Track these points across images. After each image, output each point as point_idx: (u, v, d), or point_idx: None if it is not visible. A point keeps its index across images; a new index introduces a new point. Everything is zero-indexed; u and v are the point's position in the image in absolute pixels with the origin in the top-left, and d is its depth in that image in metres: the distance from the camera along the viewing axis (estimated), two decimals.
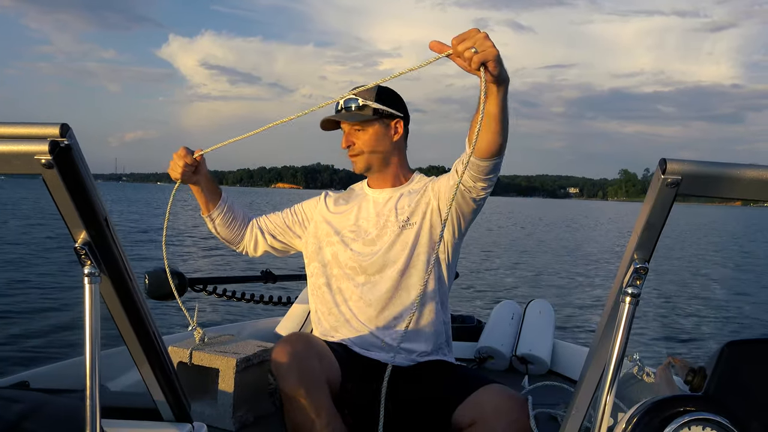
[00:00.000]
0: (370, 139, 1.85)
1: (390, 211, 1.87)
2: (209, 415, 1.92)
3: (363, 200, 1.96)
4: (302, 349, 1.57)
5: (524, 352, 2.67)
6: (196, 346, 2.00)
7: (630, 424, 0.87)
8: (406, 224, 1.83)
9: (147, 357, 0.97)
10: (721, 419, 0.84)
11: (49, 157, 0.69)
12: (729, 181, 0.75)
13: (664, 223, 0.78)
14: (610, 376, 0.83)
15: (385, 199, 1.91)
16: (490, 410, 1.49)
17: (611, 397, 0.84)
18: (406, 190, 1.92)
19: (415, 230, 1.81)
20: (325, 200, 2.04)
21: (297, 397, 1.51)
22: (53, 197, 0.74)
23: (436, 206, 1.82)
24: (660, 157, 0.75)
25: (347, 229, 1.91)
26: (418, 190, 1.88)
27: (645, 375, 1.81)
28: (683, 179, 0.73)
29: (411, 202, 1.86)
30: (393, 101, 1.87)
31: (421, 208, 1.83)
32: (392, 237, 1.82)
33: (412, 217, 1.83)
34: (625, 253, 0.82)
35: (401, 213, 1.86)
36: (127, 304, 0.89)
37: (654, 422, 0.85)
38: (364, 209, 1.93)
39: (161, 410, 1.07)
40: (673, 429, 0.83)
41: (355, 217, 1.92)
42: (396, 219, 1.85)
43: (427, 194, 1.84)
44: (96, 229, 0.78)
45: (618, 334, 0.82)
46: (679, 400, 0.88)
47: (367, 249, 1.85)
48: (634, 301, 0.81)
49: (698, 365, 0.95)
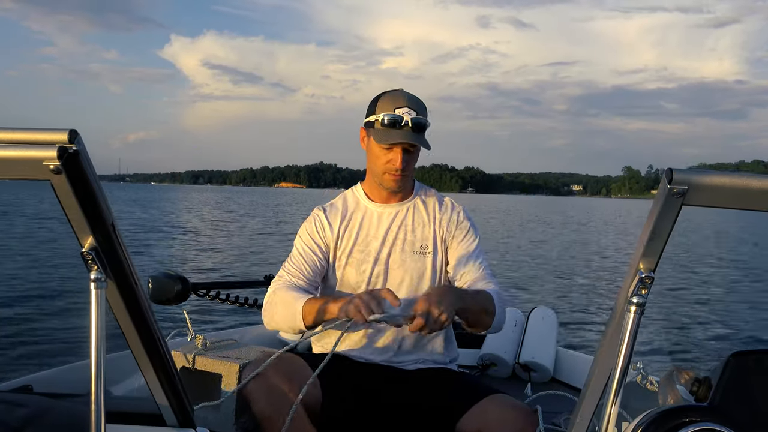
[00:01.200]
0: (415, 160, 1.80)
1: (399, 228, 1.84)
2: (212, 421, 1.91)
3: (366, 216, 1.87)
4: (269, 372, 1.52)
5: (527, 359, 2.67)
6: (199, 351, 2.00)
7: None
8: (423, 251, 1.82)
9: (151, 362, 0.97)
10: (727, 430, 0.83)
11: (58, 162, 0.69)
12: (736, 192, 0.75)
13: (670, 233, 0.78)
14: (615, 386, 0.83)
15: (392, 215, 1.85)
16: (495, 420, 1.48)
17: (616, 407, 0.83)
18: (412, 203, 1.88)
19: (429, 260, 1.81)
20: (326, 220, 1.87)
21: (268, 420, 1.48)
22: (61, 203, 0.75)
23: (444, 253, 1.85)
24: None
25: (356, 250, 1.83)
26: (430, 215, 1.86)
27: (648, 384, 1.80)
28: (689, 189, 0.73)
29: (423, 224, 1.84)
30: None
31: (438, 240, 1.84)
32: (404, 261, 1.81)
33: (427, 246, 1.83)
34: (631, 262, 0.82)
35: (412, 234, 1.83)
36: (132, 309, 0.89)
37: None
38: (371, 227, 1.85)
39: (165, 415, 1.07)
40: None
41: (364, 236, 1.84)
42: (406, 239, 1.83)
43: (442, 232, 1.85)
44: (103, 235, 0.79)
45: (623, 344, 0.81)
46: (684, 410, 0.87)
47: (378, 269, 1.82)
48: (639, 310, 0.81)
49: (703, 375, 0.95)
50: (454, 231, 1.85)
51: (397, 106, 1.72)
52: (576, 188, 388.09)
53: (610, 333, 0.89)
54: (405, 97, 1.75)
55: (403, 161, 1.73)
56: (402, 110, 1.71)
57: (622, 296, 0.84)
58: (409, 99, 1.75)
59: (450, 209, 1.89)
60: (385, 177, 1.78)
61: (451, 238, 1.84)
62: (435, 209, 1.87)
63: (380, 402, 1.72)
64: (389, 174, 1.77)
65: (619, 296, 0.86)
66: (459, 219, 1.87)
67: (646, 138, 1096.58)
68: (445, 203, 1.91)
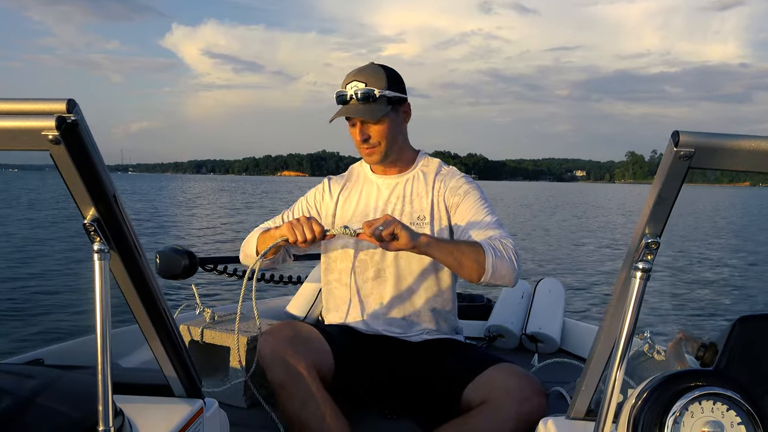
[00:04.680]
0: (385, 130, 1.75)
1: (398, 199, 1.84)
2: (220, 393, 1.94)
3: (368, 187, 1.90)
4: (285, 339, 1.57)
5: (534, 330, 2.67)
6: (207, 324, 2.02)
7: (640, 399, 0.87)
8: (420, 222, 1.80)
9: (157, 333, 0.98)
10: (732, 394, 0.83)
11: (56, 132, 0.68)
12: (742, 154, 0.73)
13: (677, 197, 0.77)
14: (620, 352, 0.82)
15: (392, 186, 1.86)
16: (501, 389, 1.49)
17: (621, 373, 0.83)
18: (411, 175, 1.87)
19: (425, 231, 1.77)
20: (329, 188, 1.96)
21: (284, 386, 1.51)
22: (61, 173, 0.74)
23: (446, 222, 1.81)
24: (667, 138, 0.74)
25: (354, 220, 1.87)
26: (429, 185, 1.83)
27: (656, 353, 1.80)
28: (696, 152, 0.72)
29: (421, 195, 1.82)
30: (401, 82, 1.78)
31: (435, 210, 1.81)
32: None
33: (425, 216, 1.80)
34: (636, 227, 0.81)
35: (410, 205, 1.82)
36: (137, 280, 0.89)
37: (664, 397, 0.85)
38: (371, 197, 1.88)
39: (173, 386, 1.08)
40: (684, 403, 0.83)
41: (363, 206, 1.88)
42: (404, 210, 1.82)
43: (441, 201, 1.81)
44: (105, 205, 0.79)
45: (629, 310, 0.81)
46: (689, 374, 0.87)
47: None
48: (645, 276, 0.80)
49: (709, 341, 0.95)
50: (453, 198, 1.82)
51: (347, 82, 1.74)
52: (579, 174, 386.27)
53: (615, 299, 0.89)
54: (356, 71, 1.74)
55: (361, 133, 1.75)
56: (350, 85, 1.72)
57: (628, 262, 0.84)
58: (358, 72, 1.74)
59: (449, 177, 1.86)
60: (361, 152, 1.82)
61: (454, 206, 1.82)
62: (434, 179, 1.85)
63: (387, 373, 1.74)
64: (361, 148, 1.80)
65: (624, 262, 0.85)
66: (458, 185, 1.83)
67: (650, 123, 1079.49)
68: (442, 172, 1.87)
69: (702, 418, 0.83)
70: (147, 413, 1.01)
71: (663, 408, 0.84)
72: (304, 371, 1.52)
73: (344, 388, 1.67)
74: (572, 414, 1.07)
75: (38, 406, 0.87)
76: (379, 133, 1.76)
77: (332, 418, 1.51)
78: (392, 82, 1.74)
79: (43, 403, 0.88)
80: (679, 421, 0.83)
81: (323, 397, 1.53)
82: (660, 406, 0.84)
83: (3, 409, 0.83)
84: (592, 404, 1.05)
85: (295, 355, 1.54)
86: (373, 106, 1.71)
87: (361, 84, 1.70)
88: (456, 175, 1.87)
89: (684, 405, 0.83)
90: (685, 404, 0.83)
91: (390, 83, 1.73)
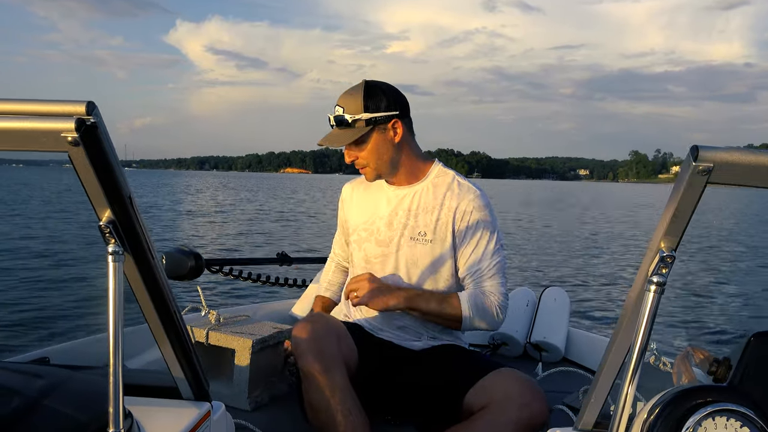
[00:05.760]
0: (371, 151, 1.76)
1: (403, 212, 1.82)
2: (225, 395, 1.94)
3: (379, 195, 1.91)
4: (321, 329, 1.60)
5: (538, 339, 2.67)
6: (212, 326, 2.02)
7: (653, 414, 0.86)
8: (421, 238, 1.79)
9: (168, 335, 0.97)
10: (747, 410, 0.82)
11: (76, 134, 0.68)
12: (763, 170, 0.73)
13: (693, 212, 0.77)
14: (632, 365, 0.82)
15: (400, 197, 1.85)
16: (502, 394, 1.49)
17: (633, 387, 0.83)
18: (421, 187, 1.84)
19: (425, 248, 1.78)
20: (344, 195, 2.04)
21: (314, 375, 1.53)
22: (79, 175, 0.74)
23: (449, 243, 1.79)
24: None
25: (361, 228, 1.89)
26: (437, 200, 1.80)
27: (661, 364, 1.80)
28: (715, 167, 0.72)
29: (427, 210, 1.80)
30: (384, 99, 1.74)
31: (438, 229, 1.79)
32: (405, 247, 1.80)
33: (426, 233, 1.79)
34: (652, 240, 0.81)
35: (414, 219, 1.81)
36: (149, 282, 0.89)
37: (677, 412, 0.84)
38: (380, 207, 1.88)
39: (181, 388, 1.08)
40: (697, 419, 0.82)
41: (370, 215, 1.89)
42: (407, 224, 1.81)
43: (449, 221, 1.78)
44: (120, 208, 0.79)
45: (642, 323, 0.80)
46: (703, 390, 0.86)
47: (378, 250, 1.83)
48: (659, 289, 0.79)
49: (722, 356, 0.94)
50: (460, 224, 1.78)
51: (334, 106, 1.78)
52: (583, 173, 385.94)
53: (628, 312, 0.88)
54: (342, 95, 1.77)
55: (348, 156, 1.81)
56: (334, 109, 1.76)
57: (642, 275, 0.83)
58: (342, 96, 1.77)
59: (463, 196, 1.79)
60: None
61: (459, 234, 1.79)
62: (445, 194, 1.80)
63: (391, 379, 1.75)
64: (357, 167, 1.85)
65: (638, 275, 0.85)
66: (468, 209, 1.78)
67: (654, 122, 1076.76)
68: (454, 189, 1.81)
69: None
70: (155, 415, 1.01)
71: (676, 423, 0.83)
72: (336, 363, 1.56)
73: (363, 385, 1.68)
74: (580, 425, 1.06)
75: (46, 408, 0.87)
76: (364, 154, 1.77)
77: (357, 413, 1.54)
78: (371, 104, 1.72)
79: (51, 405, 0.87)
80: None
81: (351, 392, 1.56)
82: (673, 421, 0.84)
83: (11, 410, 0.83)
84: (600, 416, 1.05)
85: (329, 347, 1.57)
86: (347, 131, 1.74)
87: (340, 109, 1.74)
88: (469, 194, 1.80)
89: (697, 421, 0.82)
90: (698, 420, 0.82)
91: (368, 105, 1.72)
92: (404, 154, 1.81)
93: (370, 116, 1.72)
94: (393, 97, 1.76)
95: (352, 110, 1.72)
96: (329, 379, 1.52)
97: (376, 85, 1.76)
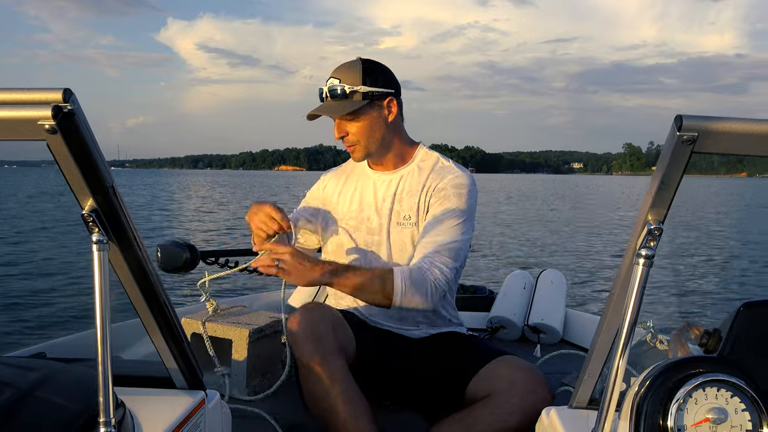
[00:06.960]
0: (364, 127, 1.72)
1: (390, 196, 1.80)
2: (222, 386, 1.94)
3: (364, 181, 1.87)
4: (318, 318, 1.57)
5: (536, 321, 2.67)
6: (209, 317, 2.02)
7: (643, 387, 0.86)
8: (405, 222, 1.77)
9: (158, 325, 0.97)
10: (737, 380, 0.83)
11: (53, 122, 0.68)
12: (746, 137, 0.72)
13: (680, 183, 0.76)
14: (623, 340, 0.82)
15: (386, 182, 1.82)
16: (505, 382, 1.49)
17: (624, 361, 0.83)
18: (407, 170, 1.82)
19: (410, 231, 1.76)
20: (326, 184, 1.96)
21: (312, 365, 1.52)
22: (58, 164, 0.74)
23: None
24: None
25: (349, 216, 1.85)
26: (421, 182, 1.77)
27: (658, 342, 1.80)
28: (699, 136, 0.71)
29: (411, 193, 1.78)
30: (381, 77, 1.72)
31: (421, 210, 1.76)
32: (393, 233, 1.78)
33: (410, 216, 1.76)
34: (639, 214, 0.81)
35: (399, 204, 1.79)
36: (136, 271, 0.89)
37: (667, 384, 0.84)
38: (367, 193, 1.85)
39: (174, 378, 1.08)
40: (687, 390, 0.82)
41: (358, 202, 1.85)
42: (393, 208, 1.79)
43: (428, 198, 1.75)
44: (103, 196, 0.78)
45: (632, 297, 0.80)
46: (693, 361, 0.87)
47: (369, 238, 1.80)
48: (647, 262, 0.79)
49: (713, 327, 0.94)
50: (432, 199, 1.75)
51: (327, 79, 1.73)
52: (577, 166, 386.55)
53: (618, 287, 0.88)
54: (337, 68, 1.73)
55: (338, 131, 1.74)
56: (328, 81, 1.71)
57: (631, 249, 0.83)
58: (337, 68, 1.72)
59: (444, 175, 1.76)
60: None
61: (433, 203, 1.74)
62: (428, 175, 1.78)
63: (390, 366, 1.75)
64: (345, 145, 1.79)
65: (627, 249, 0.85)
66: (444, 186, 1.74)
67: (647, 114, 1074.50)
68: (437, 170, 1.79)
69: (705, 404, 0.82)
70: (148, 405, 1.01)
71: (666, 395, 0.83)
72: (334, 352, 1.54)
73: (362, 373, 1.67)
74: (575, 403, 1.07)
75: (38, 399, 0.86)
76: (355, 130, 1.72)
77: (358, 400, 1.53)
78: (369, 77, 1.69)
79: (43, 396, 0.87)
80: (683, 408, 0.82)
81: (350, 380, 1.55)
82: (663, 393, 0.84)
83: (3, 402, 0.82)
84: (594, 393, 1.05)
85: (326, 336, 1.54)
86: (343, 102, 1.68)
87: (336, 81, 1.69)
88: (450, 173, 1.77)
89: (687, 392, 0.82)
90: (688, 391, 0.82)
91: (366, 78, 1.68)
92: (395, 135, 1.79)
93: (368, 90, 1.68)
94: (389, 76, 1.75)
95: (350, 82, 1.68)
96: (327, 369, 1.51)
97: (373, 62, 1.74)
